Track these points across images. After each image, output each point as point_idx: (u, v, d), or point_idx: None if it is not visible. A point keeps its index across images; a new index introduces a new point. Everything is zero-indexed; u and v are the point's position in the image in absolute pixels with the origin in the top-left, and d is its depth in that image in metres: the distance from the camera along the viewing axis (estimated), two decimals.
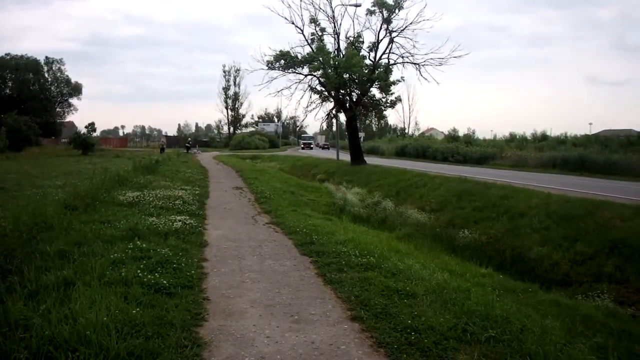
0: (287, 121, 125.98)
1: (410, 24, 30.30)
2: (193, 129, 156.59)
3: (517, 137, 59.72)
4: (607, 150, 37.90)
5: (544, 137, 55.70)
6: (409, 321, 5.50)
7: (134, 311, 5.17)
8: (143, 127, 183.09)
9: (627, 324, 7.36)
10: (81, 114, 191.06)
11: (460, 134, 63.08)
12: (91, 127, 55.07)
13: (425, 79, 31.44)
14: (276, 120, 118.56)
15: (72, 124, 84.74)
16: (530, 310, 6.54)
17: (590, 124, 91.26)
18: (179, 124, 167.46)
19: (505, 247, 12.50)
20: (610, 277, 9.89)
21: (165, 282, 6.35)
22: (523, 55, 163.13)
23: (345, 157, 38.43)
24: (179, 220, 10.67)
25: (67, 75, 74.46)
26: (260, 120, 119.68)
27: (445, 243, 13.66)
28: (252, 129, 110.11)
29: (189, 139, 78.65)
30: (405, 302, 6.17)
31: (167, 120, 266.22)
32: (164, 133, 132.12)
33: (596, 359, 4.97)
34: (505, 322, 5.59)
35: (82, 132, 55.52)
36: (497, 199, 15.96)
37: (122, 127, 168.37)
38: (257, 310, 5.98)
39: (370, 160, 37.33)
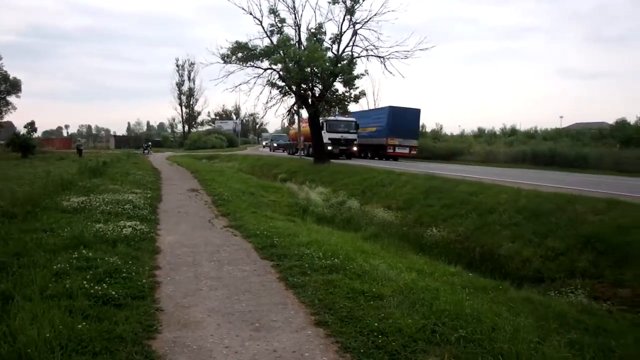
0: (247, 118, 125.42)
1: (375, 15, 30.32)
2: (144, 127, 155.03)
3: (486, 132, 60.83)
4: (578, 143, 38.85)
5: (513, 132, 56.89)
6: (376, 324, 5.53)
7: (80, 326, 5.06)
8: (89, 127, 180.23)
9: (602, 320, 7.51)
10: (21, 113, 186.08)
11: (428, 129, 63.66)
12: (31, 127, 53.81)
13: (391, 73, 31.56)
14: (234, 117, 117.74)
15: (10, 124, 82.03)
16: (501, 309, 6.62)
17: (561, 117, 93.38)
18: (129, 123, 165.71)
19: (475, 244, 12.67)
20: (584, 273, 10.10)
21: (114, 293, 6.22)
22: (493, 49, 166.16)
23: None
24: (129, 226, 10.49)
25: (5, 71, 71.84)
26: (218, 117, 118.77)
27: (413, 242, 13.77)
28: (209, 127, 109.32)
29: (149, 142, 76.53)
30: (371, 304, 6.21)
31: (116, 119, 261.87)
32: (112, 133, 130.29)
33: (571, 356, 5.05)
34: (475, 322, 5.67)
35: (21, 133, 54.16)
36: (466, 196, 16.18)
37: (66, 126, 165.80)
38: (215, 319, 5.92)
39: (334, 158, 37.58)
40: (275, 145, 68.13)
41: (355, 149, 40.94)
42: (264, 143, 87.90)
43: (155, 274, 7.76)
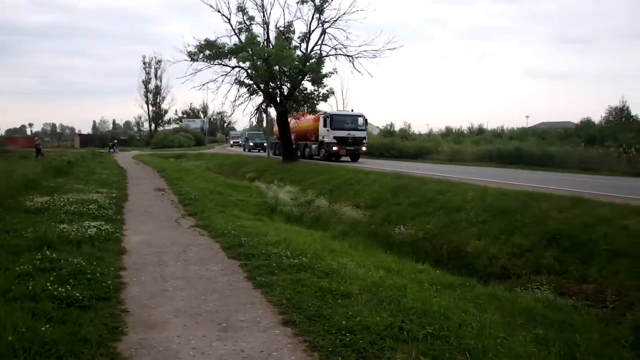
0: (214, 117, 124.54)
1: (344, 14, 30.64)
2: (110, 126, 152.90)
3: (454, 131, 61.51)
4: (544, 142, 39.49)
5: (480, 131, 57.64)
6: (344, 322, 5.54)
7: (44, 328, 4.96)
8: (54, 125, 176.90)
9: (567, 315, 7.65)
10: None
11: (396, 128, 64.09)
12: None
13: (359, 72, 31.79)
14: (202, 116, 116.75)
15: None
16: (468, 305, 6.71)
17: (527, 116, 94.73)
18: (95, 121, 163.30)
19: (442, 242, 12.80)
20: (549, 269, 10.28)
21: (78, 294, 6.12)
22: (461, 49, 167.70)
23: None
24: (94, 227, 10.35)
25: None
26: (185, 116, 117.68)
27: (381, 240, 13.85)
28: (176, 125, 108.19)
29: (115, 141, 75.05)
30: (339, 303, 6.22)
31: (82, 117, 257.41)
32: (77, 131, 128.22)
33: (536, 351, 5.12)
34: (443, 318, 5.72)
35: None
36: (434, 194, 16.34)
37: (30, 125, 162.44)
38: (182, 320, 5.88)
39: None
40: (251, 144, 59.24)
41: (364, 149, 36.14)
42: (231, 142, 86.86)
43: (121, 274, 7.67)
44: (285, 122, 34.37)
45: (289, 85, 32.28)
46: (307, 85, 32.69)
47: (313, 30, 31.97)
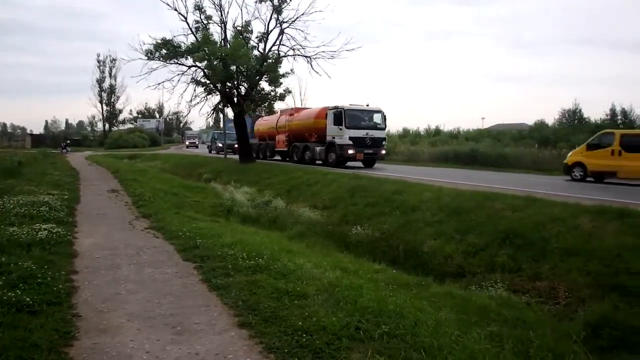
0: (170, 117, 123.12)
1: (302, 14, 30.51)
2: (63, 126, 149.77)
3: (411, 132, 62.20)
4: (499, 144, 40.29)
5: (437, 132, 58.39)
6: (300, 323, 5.56)
7: None
8: (4, 125, 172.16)
9: (521, 312, 7.81)
10: None
11: None
12: None
13: (317, 72, 31.82)
14: (158, 115, 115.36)
15: None
16: (424, 304, 6.80)
17: (483, 118, 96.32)
18: (47, 121, 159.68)
19: (399, 241, 12.93)
20: (503, 267, 10.50)
21: (28, 299, 5.98)
22: (419, 51, 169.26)
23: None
24: (45, 229, 10.10)
25: None
26: (140, 116, 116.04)
27: (338, 240, 13.93)
28: (131, 125, 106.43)
29: (68, 141, 73.22)
30: (296, 304, 6.23)
31: (34, 117, 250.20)
32: (28, 131, 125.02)
33: (490, 347, 5.20)
34: (398, 317, 5.79)
35: None
36: (390, 194, 16.50)
37: None
38: (135, 323, 5.80)
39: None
40: (220, 145, 50.88)
41: (384, 152, 30.49)
42: (187, 142, 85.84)
43: (73, 278, 7.52)
44: (242, 122, 34.16)
45: (246, 85, 32.02)
46: (265, 85, 32.52)
47: (271, 31, 31.89)
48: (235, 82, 31.95)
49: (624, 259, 9.45)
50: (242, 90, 32.30)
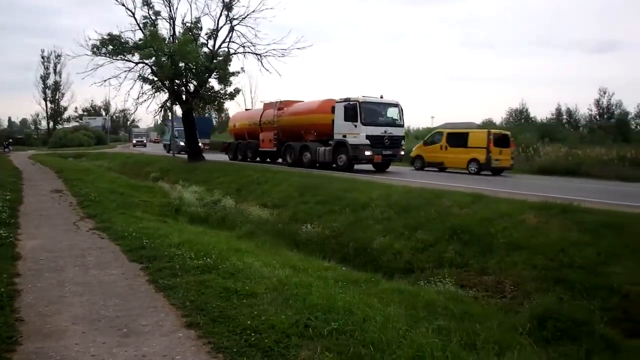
0: (117, 115, 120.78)
1: (253, 12, 30.42)
2: (5, 124, 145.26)
3: None
4: None
5: None
6: (249, 322, 5.56)
7: None
8: None
9: (468, 306, 7.95)
10: None
11: None
12: None
13: (267, 70, 31.55)
14: (104, 113, 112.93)
15: None
16: (373, 300, 6.86)
17: (432, 117, 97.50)
18: None
19: (349, 239, 13.02)
20: (451, 262, 10.67)
21: None
22: (370, 50, 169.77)
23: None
24: None
25: None
26: (86, 113, 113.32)
27: (288, 239, 13.93)
28: (76, 123, 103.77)
29: (10, 140, 70.50)
30: (244, 303, 6.23)
31: None
32: None
33: (438, 341, 5.27)
34: (348, 314, 5.85)
35: None
36: (340, 192, 16.60)
37: None
38: (81, 326, 5.68)
39: (210, 156, 37.09)
40: (182, 144, 43.07)
41: (402, 153, 26.88)
42: (134, 141, 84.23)
43: (15, 281, 7.30)
44: (191, 120, 33.80)
45: (195, 82, 31.68)
46: (214, 83, 32.22)
47: (221, 27, 31.67)
48: (184, 80, 31.55)
49: (567, 253, 9.72)
50: (191, 87, 31.94)
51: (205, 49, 31.43)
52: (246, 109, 37.74)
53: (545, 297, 8.38)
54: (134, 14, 30.50)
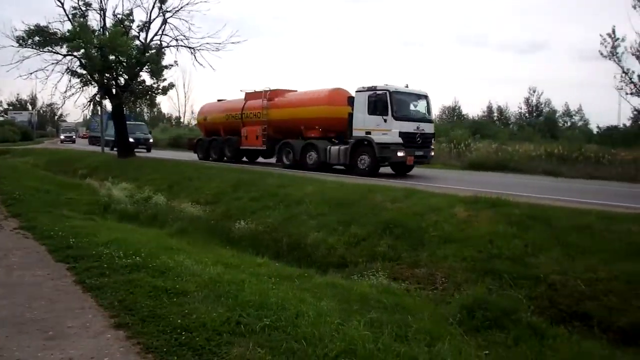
0: (44, 109, 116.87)
1: (187, 4, 29.87)
2: None
3: None
4: None
5: None
6: (179, 321, 5.51)
7: None
8: None
9: (400, 298, 8.07)
10: None
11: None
12: None
13: (201, 65, 31.09)
14: (30, 108, 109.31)
15: None
16: (306, 295, 6.92)
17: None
18: None
19: (283, 235, 13.00)
20: (384, 256, 10.81)
21: None
22: (304, 46, 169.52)
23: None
24: None
25: None
26: (11, 108, 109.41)
27: (221, 235, 13.79)
28: (1, 118, 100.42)
29: None
30: (175, 301, 6.17)
31: None
32: None
33: (370, 334, 5.38)
34: (280, 309, 5.89)
35: None
36: (275, 188, 16.60)
37: None
38: (3, 330, 5.49)
39: (141, 152, 36.45)
40: (130, 141, 36.13)
41: (432, 154, 23.50)
42: (62, 136, 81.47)
43: None
44: (121, 115, 33.02)
45: (125, 76, 30.81)
46: (146, 77, 31.39)
47: (154, 20, 30.85)
48: (114, 73, 30.68)
49: (496, 245, 10.02)
50: (122, 81, 31.12)
51: (137, 42, 30.66)
52: (219, 100, 33.36)
53: (474, 287, 8.57)
54: (62, 4, 29.29)
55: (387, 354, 5.01)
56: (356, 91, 22.23)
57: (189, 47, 30.61)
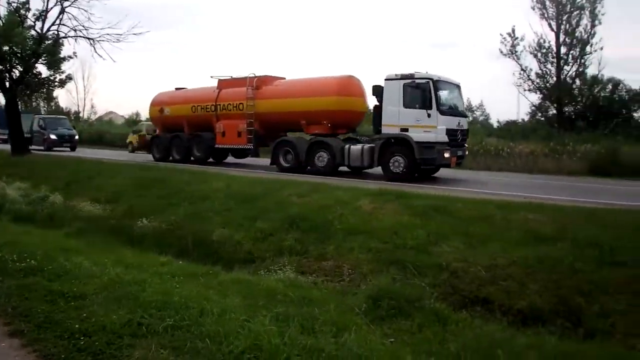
0: None
1: None
2: None
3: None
4: None
5: None
6: (77, 325, 5.36)
7: None
8: None
9: (307, 291, 8.11)
10: None
11: (143, 117, 63.26)
12: None
13: (101, 56, 29.93)
14: None
15: None
16: (210, 292, 6.86)
17: None
18: None
19: (188, 232, 12.79)
20: (291, 250, 10.85)
21: None
22: (205, 37, 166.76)
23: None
24: None
25: None
26: None
27: (123, 235, 13.32)
28: None
29: None
30: (72, 305, 5.98)
31: None
32: None
33: (275, 328, 5.40)
34: (184, 308, 5.82)
35: None
36: (181, 184, 16.37)
37: None
38: None
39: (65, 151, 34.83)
40: (53, 137, 37.34)
41: (466, 152, 20.76)
42: None
43: None
44: (15, 110, 31.40)
45: (20, 68, 29.26)
46: (42, 69, 29.95)
47: (51, 9, 29.16)
48: (8, 65, 29.17)
49: (400, 236, 10.29)
50: (16, 73, 29.62)
51: (32, 32, 29.07)
52: (177, 88, 29.00)
53: (380, 277, 8.77)
54: None
55: (293, 348, 5.05)
56: (385, 79, 18.88)
57: (88, 38, 29.36)
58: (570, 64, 37.15)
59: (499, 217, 10.66)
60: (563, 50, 38.11)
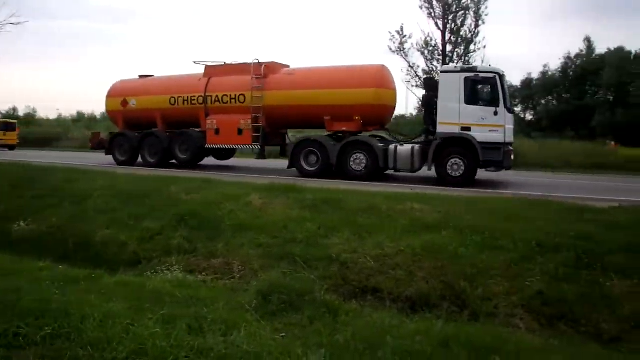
0: None
1: None
2: None
3: (86, 116, 60.39)
4: None
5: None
6: None
7: None
8: None
9: (196, 290, 7.96)
10: None
11: (21, 113, 60.45)
12: None
13: None
14: None
15: None
16: (92, 297, 6.60)
17: None
18: None
19: (69, 234, 12.30)
20: (179, 249, 10.70)
21: None
22: (98, 29, 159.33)
23: None
24: None
25: None
26: None
27: None
28: None
29: None
30: None
31: None
32: None
33: (161, 331, 5.30)
34: (63, 316, 5.56)
35: None
36: (61, 183, 15.67)
37: None
38: None
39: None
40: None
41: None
42: None
43: None
44: None
45: None
46: None
47: None
48: None
49: (290, 230, 10.38)
50: None
51: None
52: (142, 76, 24.20)
53: (270, 273, 8.81)
54: None
55: (181, 350, 4.97)
56: (441, 72, 17.75)
57: None
58: (456, 61, 38.52)
59: (386, 208, 10.99)
60: (449, 48, 39.78)
